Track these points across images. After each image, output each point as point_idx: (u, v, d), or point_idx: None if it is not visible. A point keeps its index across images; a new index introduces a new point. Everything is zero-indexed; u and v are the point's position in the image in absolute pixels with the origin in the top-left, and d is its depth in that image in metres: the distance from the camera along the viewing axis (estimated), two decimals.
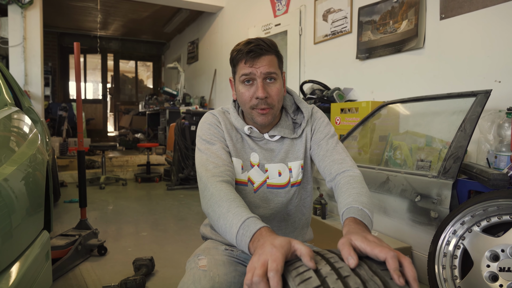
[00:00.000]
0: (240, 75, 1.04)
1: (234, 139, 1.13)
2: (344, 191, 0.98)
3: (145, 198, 4.35)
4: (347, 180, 1.02)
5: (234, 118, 1.14)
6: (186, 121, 4.96)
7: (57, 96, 9.48)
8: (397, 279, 0.59)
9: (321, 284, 0.56)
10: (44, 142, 2.74)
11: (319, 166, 1.14)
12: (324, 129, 1.17)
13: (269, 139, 1.14)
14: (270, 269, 0.63)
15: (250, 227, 0.78)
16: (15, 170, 0.97)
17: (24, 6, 4.88)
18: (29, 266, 0.92)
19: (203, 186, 0.99)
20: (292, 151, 1.16)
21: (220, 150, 1.07)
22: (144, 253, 2.42)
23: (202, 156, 1.06)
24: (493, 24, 2.29)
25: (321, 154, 1.13)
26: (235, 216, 0.84)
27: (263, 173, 1.14)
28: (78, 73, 2.42)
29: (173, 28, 8.83)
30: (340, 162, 1.09)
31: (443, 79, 2.64)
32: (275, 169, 1.14)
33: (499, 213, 1.45)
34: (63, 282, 2.00)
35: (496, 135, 1.99)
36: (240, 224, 0.80)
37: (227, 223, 0.84)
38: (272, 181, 1.14)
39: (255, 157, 1.14)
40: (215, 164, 1.02)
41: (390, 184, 2.08)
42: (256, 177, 1.13)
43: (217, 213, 0.89)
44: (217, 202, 0.91)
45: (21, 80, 4.91)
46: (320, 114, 1.20)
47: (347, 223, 0.84)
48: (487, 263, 1.41)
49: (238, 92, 1.08)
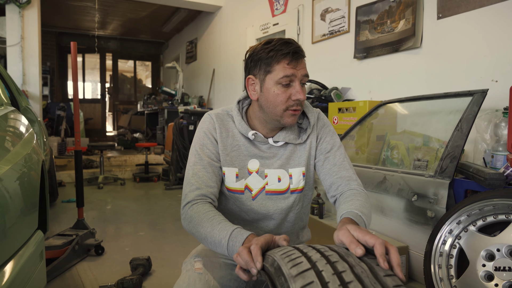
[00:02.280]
0: (279, 76, 0.98)
1: (229, 148, 1.11)
2: (348, 201, 1.00)
3: (143, 197, 4.35)
4: (352, 193, 1.04)
5: (238, 122, 1.10)
6: (184, 121, 4.96)
7: (55, 96, 9.46)
8: (382, 263, 0.63)
9: (311, 267, 0.60)
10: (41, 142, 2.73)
11: (324, 179, 1.13)
12: (331, 139, 1.14)
13: (272, 144, 1.11)
14: (252, 244, 0.75)
15: (237, 238, 0.85)
16: (9, 169, 0.96)
17: (22, 5, 4.87)
18: (23, 265, 0.92)
19: (183, 210, 1.01)
20: (294, 157, 1.13)
21: (207, 167, 1.07)
22: (141, 252, 2.41)
23: (189, 170, 1.08)
24: (490, 23, 2.29)
25: (327, 168, 1.12)
26: (221, 232, 0.88)
27: (262, 179, 1.12)
28: (75, 72, 2.42)
29: (172, 27, 8.82)
30: (347, 179, 1.09)
31: (440, 79, 2.64)
32: (274, 175, 1.12)
33: (495, 212, 1.45)
34: (59, 282, 1.99)
35: (493, 134, 1.99)
36: (228, 238, 0.86)
37: (215, 240, 0.89)
38: (271, 187, 1.12)
39: (254, 163, 1.12)
40: (198, 184, 1.03)
41: (387, 184, 2.08)
42: (254, 184, 1.12)
43: (202, 234, 0.92)
44: (199, 223, 0.94)
45: (19, 80, 4.90)
46: (326, 120, 1.18)
47: (342, 221, 0.88)
48: (483, 262, 1.41)
49: (271, 93, 1.01)
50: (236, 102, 1.15)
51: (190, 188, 1.03)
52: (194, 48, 7.89)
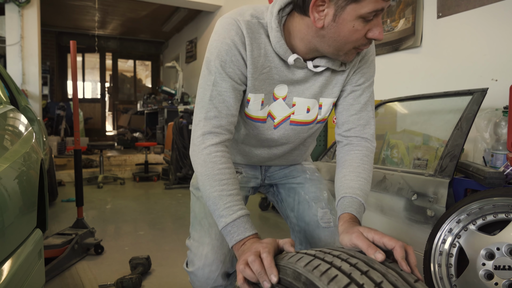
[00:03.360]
0: (367, 10, 0.75)
1: (260, 68, 0.90)
2: (353, 170, 0.93)
3: (143, 197, 4.35)
4: (359, 157, 0.95)
5: (276, 40, 0.87)
6: (184, 120, 4.96)
7: (55, 95, 9.46)
8: (405, 267, 0.60)
9: (351, 281, 0.56)
10: (41, 141, 2.73)
11: (339, 113, 1.02)
12: (367, 71, 1.01)
13: (310, 69, 0.92)
14: (262, 252, 0.68)
15: (239, 229, 0.80)
16: (7, 167, 0.96)
17: (22, 4, 4.86)
18: (21, 264, 0.92)
19: (196, 140, 0.88)
20: (329, 86, 0.98)
21: (229, 92, 0.88)
22: (141, 252, 2.41)
23: (205, 91, 0.88)
24: (490, 22, 2.29)
25: (348, 102, 0.99)
26: (226, 209, 0.81)
27: (288, 108, 0.97)
28: (75, 72, 2.41)
29: (172, 27, 8.82)
30: (364, 125, 0.99)
31: (440, 78, 2.63)
32: (304, 105, 0.97)
33: (495, 211, 1.45)
34: (59, 281, 1.99)
35: (493, 133, 1.99)
36: (230, 222, 0.80)
37: (217, 210, 0.82)
38: (298, 117, 0.98)
39: (282, 89, 0.95)
40: (216, 111, 0.87)
41: (387, 183, 2.07)
42: (278, 112, 0.97)
43: (207, 192, 0.84)
44: (208, 177, 0.84)
45: (19, 79, 4.90)
46: (373, 47, 1.01)
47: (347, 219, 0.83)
48: (483, 261, 1.40)
49: (348, 27, 0.78)
50: (276, 11, 0.87)
51: (207, 115, 0.87)
52: (194, 47, 7.89)
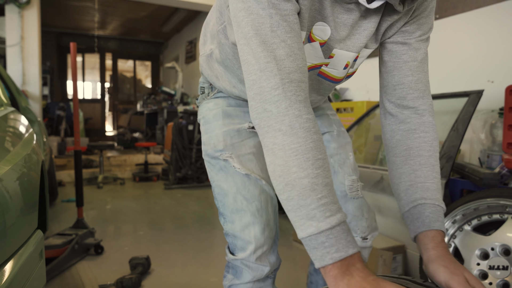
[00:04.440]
0: None
1: (307, 6, 0.67)
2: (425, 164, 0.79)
3: (142, 197, 4.36)
4: (430, 143, 0.80)
5: None
6: (184, 121, 4.98)
7: (55, 96, 9.48)
8: None
9: None
10: (41, 141, 2.75)
11: (388, 72, 0.83)
12: (426, 21, 0.80)
13: (363, 4, 0.69)
14: None
15: (340, 242, 0.57)
16: (9, 170, 0.98)
17: (22, 5, 4.88)
18: (22, 265, 0.94)
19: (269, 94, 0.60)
20: (377, 32, 0.79)
21: (295, 17, 0.63)
22: (140, 252, 2.43)
23: (263, 24, 0.60)
24: (486, 24, 2.30)
25: (402, 59, 0.80)
26: (321, 208, 0.57)
27: (323, 57, 0.78)
28: (75, 73, 2.43)
29: (171, 27, 8.84)
30: (422, 91, 0.81)
31: (437, 79, 2.65)
32: (343, 59, 0.79)
33: (490, 211, 1.46)
34: (59, 281, 2.01)
35: (489, 134, 2.01)
36: (327, 229, 0.57)
37: (304, 207, 0.58)
38: (330, 71, 0.82)
39: (324, 31, 0.73)
40: (288, 50, 0.60)
41: (384, 183, 2.09)
42: (309, 57, 0.76)
43: (291, 177, 0.58)
44: (297, 152, 0.58)
45: (19, 80, 4.91)
46: None
47: (439, 241, 0.74)
48: (477, 261, 1.42)
49: None
50: None
51: (276, 53, 0.59)
52: (193, 48, 7.90)
